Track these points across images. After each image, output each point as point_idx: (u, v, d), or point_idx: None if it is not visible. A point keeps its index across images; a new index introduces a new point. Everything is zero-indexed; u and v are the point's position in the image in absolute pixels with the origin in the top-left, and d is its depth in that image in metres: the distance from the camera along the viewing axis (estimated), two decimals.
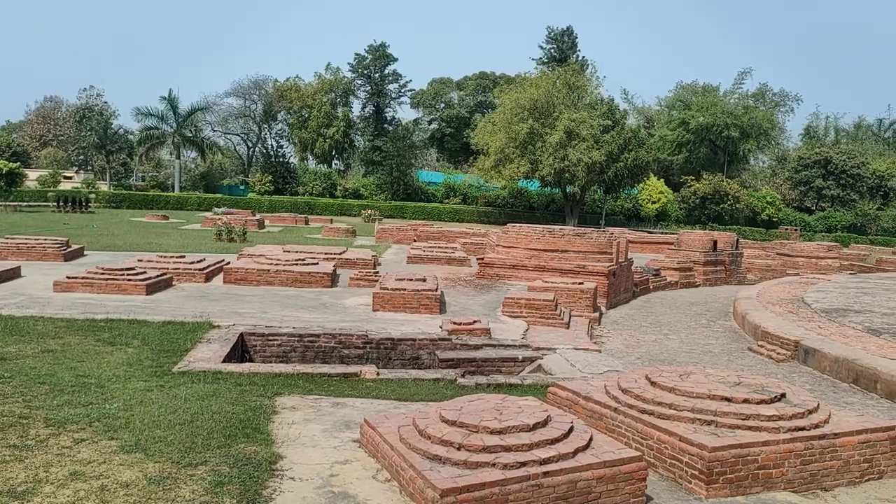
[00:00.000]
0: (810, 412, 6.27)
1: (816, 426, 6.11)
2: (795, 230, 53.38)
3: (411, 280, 14.43)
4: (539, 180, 50.30)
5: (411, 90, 75.51)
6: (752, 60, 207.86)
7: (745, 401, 6.25)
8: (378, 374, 8.84)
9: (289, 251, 19.79)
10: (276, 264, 16.46)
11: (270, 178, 60.08)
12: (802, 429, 6.01)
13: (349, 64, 72.24)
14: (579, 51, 70.68)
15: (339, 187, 60.03)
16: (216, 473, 5.22)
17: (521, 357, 10.35)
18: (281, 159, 65.06)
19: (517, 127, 47.08)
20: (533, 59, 73.03)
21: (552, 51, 70.73)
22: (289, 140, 73.30)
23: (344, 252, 21.31)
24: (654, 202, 55.77)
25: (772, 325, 14.00)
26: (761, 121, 59.46)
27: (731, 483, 5.52)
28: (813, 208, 59.37)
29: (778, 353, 12.66)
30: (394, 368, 9.98)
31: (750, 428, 5.91)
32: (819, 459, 5.94)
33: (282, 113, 72.12)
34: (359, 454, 5.87)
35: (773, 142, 64.78)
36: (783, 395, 6.48)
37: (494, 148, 48.01)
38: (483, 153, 50.11)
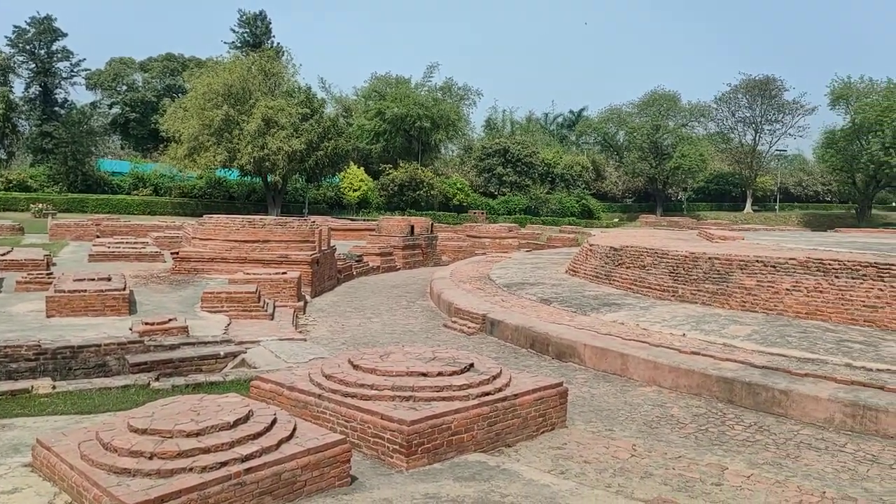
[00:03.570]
0: (494, 378, 6.90)
1: (500, 390, 6.74)
2: (482, 213, 58.61)
3: (94, 280, 13.02)
4: (238, 169, 48.65)
5: (86, 70, 67.96)
6: (438, 55, 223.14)
7: (440, 374, 6.68)
8: (54, 387, 7.84)
9: None
10: None
11: None
12: (488, 394, 6.58)
13: (6, 38, 62.50)
14: (274, 37, 69.57)
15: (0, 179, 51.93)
16: None
17: (223, 353, 9.91)
18: None
19: (211, 113, 44.93)
20: (225, 43, 69.97)
21: (245, 35, 68.63)
22: None
23: (8, 252, 18.53)
24: (355, 190, 57.23)
25: (463, 301, 15.19)
26: (449, 112, 64.06)
27: (428, 452, 5.85)
28: (496, 193, 65.63)
29: (469, 327, 13.78)
30: (75, 379, 8.91)
31: (444, 399, 6.32)
32: (503, 420, 6.56)
33: None
34: (31, 480, 5.14)
35: (460, 132, 70.20)
36: (472, 365, 7.04)
37: (187, 135, 45.27)
38: (175, 140, 46.95)
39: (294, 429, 5.37)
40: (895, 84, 63.58)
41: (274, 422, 5.38)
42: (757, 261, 13.56)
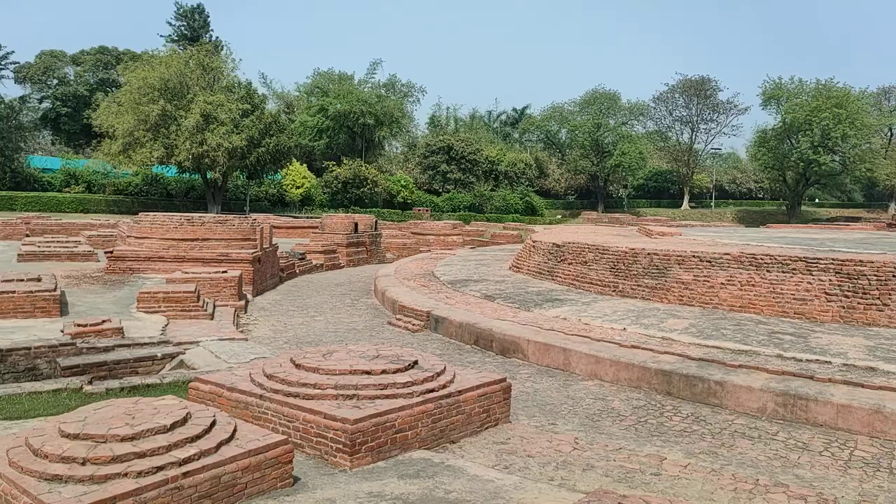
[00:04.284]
0: (438, 375, 6.91)
1: (444, 387, 6.75)
2: (426, 211, 58.66)
3: (23, 280, 12.53)
4: (176, 166, 47.46)
5: (15, 63, 65.35)
6: (382, 52, 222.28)
7: (383, 372, 6.64)
8: None
9: None
10: None
11: None
12: (433, 391, 6.58)
13: None
14: (212, 30, 68.20)
15: None
16: None
17: (160, 354, 9.65)
18: None
19: (147, 108, 43.67)
20: (162, 36, 68.35)
21: (182, 28, 67.06)
22: None
23: None
24: (298, 187, 56.51)
25: (407, 299, 15.16)
26: (393, 109, 63.88)
27: (372, 451, 5.82)
28: (440, 190, 65.77)
29: (413, 324, 13.76)
30: (4, 384, 8.55)
31: (388, 396, 6.29)
32: (447, 416, 6.57)
33: None
34: None
35: (404, 129, 70.16)
36: (416, 363, 7.03)
37: (122, 130, 43.90)
38: (109, 136, 45.51)
39: (234, 430, 5.26)
40: (823, 85, 66.18)
41: (213, 424, 5.26)
42: (693, 256, 13.91)
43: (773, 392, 8.47)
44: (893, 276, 11.74)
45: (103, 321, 10.62)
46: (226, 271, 15.28)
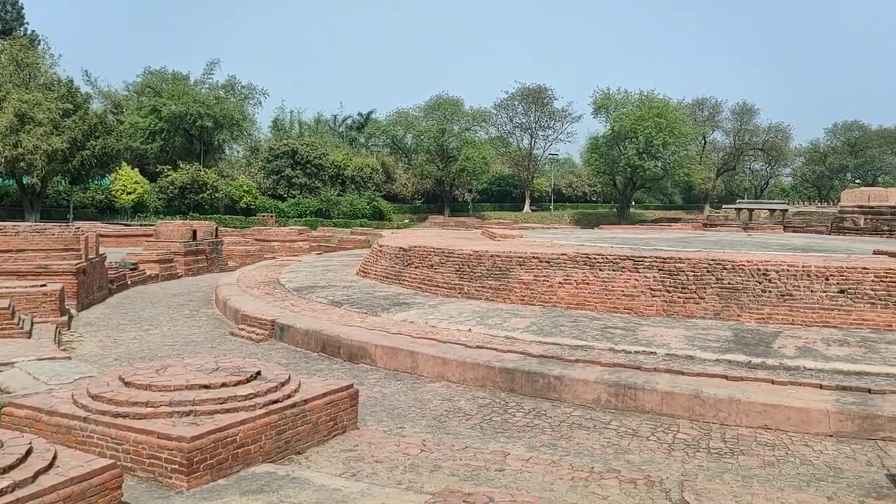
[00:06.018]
0: (283, 385, 6.72)
1: (289, 396, 6.57)
2: (271, 216, 57.09)
3: None
4: None
5: None
6: (219, 52, 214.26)
7: (223, 385, 6.37)
8: None
9: None
10: None
11: None
12: (276, 401, 6.39)
13: None
14: (27, 23, 62.52)
15: None
16: None
17: None
18: None
19: None
20: None
21: None
22: None
23: None
24: (129, 193, 53.04)
25: (250, 307, 14.67)
26: (233, 112, 61.65)
27: (212, 468, 5.55)
28: (285, 195, 64.21)
29: (257, 334, 13.32)
30: None
31: (228, 410, 6.03)
32: (292, 427, 6.41)
33: None
34: None
35: (245, 132, 67.89)
36: (258, 373, 6.80)
37: None
38: None
39: (54, 457, 4.82)
40: (646, 96, 71.51)
41: (29, 451, 4.79)
42: (533, 257, 14.51)
43: (606, 383, 9.00)
44: (707, 271, 12.88)
45: None
46: (45, 284, 14.05)
